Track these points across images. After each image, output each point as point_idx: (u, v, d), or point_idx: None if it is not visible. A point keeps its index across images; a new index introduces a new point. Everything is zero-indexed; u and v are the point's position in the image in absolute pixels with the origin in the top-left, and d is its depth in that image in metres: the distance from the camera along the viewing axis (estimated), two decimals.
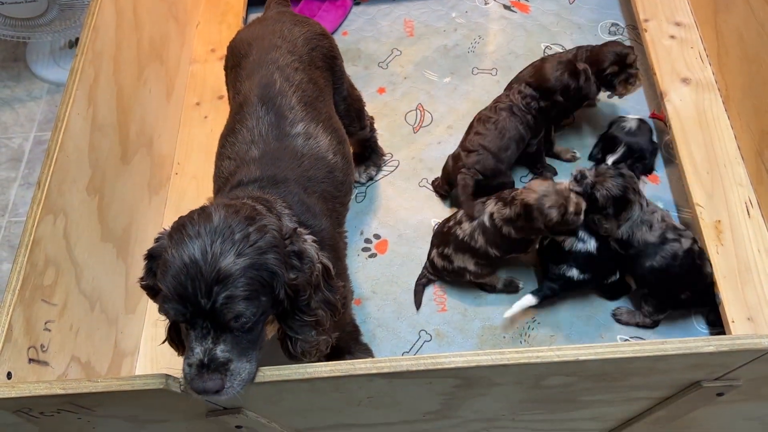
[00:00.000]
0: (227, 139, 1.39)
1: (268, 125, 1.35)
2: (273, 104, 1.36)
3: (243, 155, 1.33)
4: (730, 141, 1.71)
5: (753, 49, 1.62)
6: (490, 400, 1.07)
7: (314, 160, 1.34)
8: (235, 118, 1.40)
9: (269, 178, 1.27)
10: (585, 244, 1.54)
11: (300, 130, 1.35)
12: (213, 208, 1.03)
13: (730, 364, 0.95)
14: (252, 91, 1.39)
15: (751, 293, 1.50)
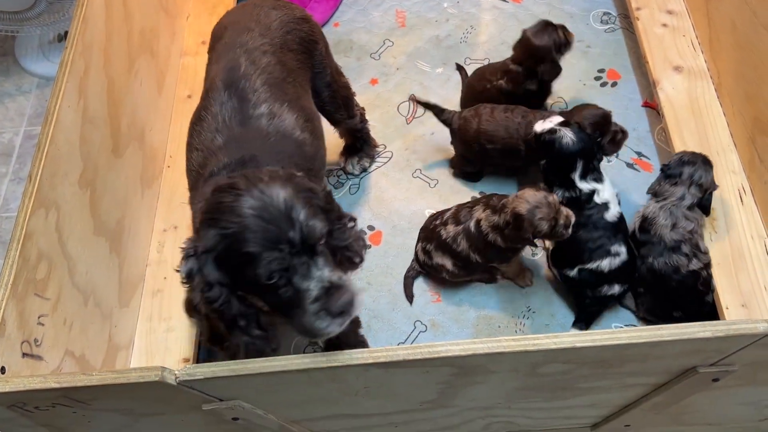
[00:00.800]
0: (194, 128, 1.38)
1: (231, 110, 1.34)
2: (236, 88, 1.35)
3: (209, 144, 1.32)
4: (722, 128, 1.72)
5: (745, 36, 1.62)
6: (486, 389, 1.07)
7: (281, 137, 1.33)
8: (202, 104, 1.40)
9: (237, 161, 1.25)
10: (619, 256, 1.51)
11: (263, 110, 1.34)
12: (226, 185, 1.06)
13: (726, 349, 0.96)
14: (218, 75, 1.39)
15: (745, 280, 1.50)
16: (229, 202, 1.02)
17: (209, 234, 1.04)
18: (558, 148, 1.52)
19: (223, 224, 1.02)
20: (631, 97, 1.96)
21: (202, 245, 1.05)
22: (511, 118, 1.70)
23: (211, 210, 1.05)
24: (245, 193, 1.02)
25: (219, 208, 1.03)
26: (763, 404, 1.22)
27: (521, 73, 1.79)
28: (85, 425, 1.13)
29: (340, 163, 1.92)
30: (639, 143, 1.87)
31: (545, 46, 1.74)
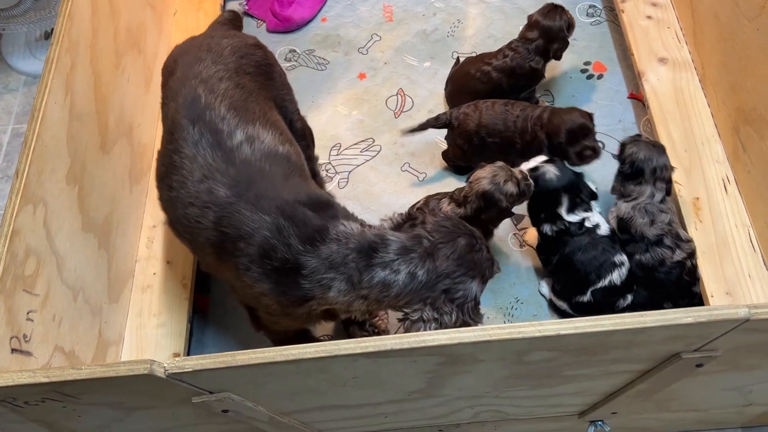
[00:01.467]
0: (171, 178, 1.30)
1: (208, 148, 1.27)
2: (204, 121, 1.29)
3: (208, 198, 1.25)
4: (707, 119, 1.73)
5: (728, 28, 1.63)
6: (473, 378, 1.08)
7: (270, 158, 1.30)
8: (170, 149, 1.31)
9: (278, 209, 1.22)
10: (624, 265, 1.52)
11: (240, 137, 1.29)
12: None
13: (708, 334, 0.97)
14: (179, 112, 1.32)
15: (729, 268, 1.52)
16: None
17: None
18: (542, 184, 1.53)
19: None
20: (617, 89, 1.97)
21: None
22: (510, 111, 1.73)
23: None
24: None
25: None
26: (746, 390, 1.24)
27: (530, 49, 1.83)
28: (75, 420, 1.13)
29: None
30: (625, 134, 1.86)
31: (559, 25, 1.81)
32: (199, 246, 1.31)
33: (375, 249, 1.21)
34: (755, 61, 1.52)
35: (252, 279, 1.23)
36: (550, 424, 1.37)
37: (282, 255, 1.20)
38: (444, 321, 1.21)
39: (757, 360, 1.09)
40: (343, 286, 1.20)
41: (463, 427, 1.34)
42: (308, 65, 2.15)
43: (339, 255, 1.20)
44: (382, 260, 1.20)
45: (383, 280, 1.19)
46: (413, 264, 1.20)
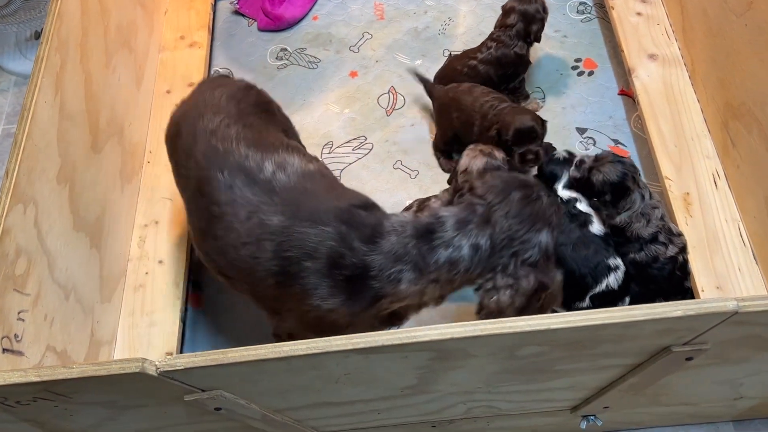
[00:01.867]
0: (216, 228, 1.28)
1: (245, 185, 1.26)
2: (230, 166, 1.28)
3: (263, 230, 1.23)
4: (696, 114, 1.74)
5: (716, 24, 1.64)
6: (465, 373, 1.08)
7: (307, 178, 1.30)
8: (203, 205, 1.30)
9: (335, 217, 1.22)
10: (620, 268, 1.50)
11: (270, 167, 1.28)
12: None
13: (698, 328, 0.97)
14: (201, 167, 1.31)
15: (720, 262, 1.53)
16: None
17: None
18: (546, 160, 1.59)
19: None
20: (608, 86, 1.98)
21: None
22: (484, 95, 1.76)
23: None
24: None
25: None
26: (737, 383, 1.25)
27: (512, 36, 1.85)
28: (67, 419, 1.13)
29: None
30: (616, 131, 1.89)
31: (535, 7, 1.83)
32: (258, 282, 1.27)
33: (432, 230, 1.19)
34: (743, 57, 1.53)
35: (321, 297, 1.20)
36: (543, 419, 1.37)
37: (350, 261, 1.18)
38: (521, 286, 1.19)
39: (747, 353, 1.10)
40: (411, 276, 1.19)
41: (456, 422, 1.34)
42: (299, 64, 2.16)
43: (400, 245, 1.19)
44: (442, 239, 1.18)
45: (449, 258, 1.18)
46: (473, 235, 1.18)
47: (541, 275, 1.20)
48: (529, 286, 1.19)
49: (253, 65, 2.17)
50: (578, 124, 1.91)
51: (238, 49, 2.22)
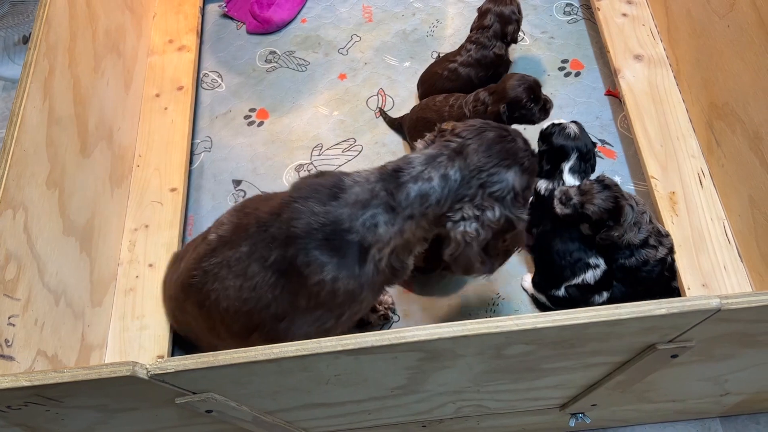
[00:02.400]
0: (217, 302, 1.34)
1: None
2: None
3: (243, 262, 1.30)
4: (681, 114, 1.76)
5: (700, 24, 1.66)
6: (454, 373, 1.09)
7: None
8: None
9: (289, 198, 1.27)
10: (600, 267, 1.53)
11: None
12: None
13: (682, 325, 0.99)
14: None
15: (705, 260, 1.55)
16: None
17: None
18: (557, 136, 1.60)
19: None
20: (594, 86, 2.00)
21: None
22: (445, 102, 1.79)
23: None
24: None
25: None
26: (722, 379, 1.26)
27: (489, 36, 1.87)
28: (59, 423, 1.13)
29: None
30: (603, 131, 1.91)
31: (511, 9, 1.86)
32: (264, 305, 1.31)
33: (399, 170, 1.22)
34: (726, 57, 1.55)
35: (318, 270, 1.23)
36: (532, 418, 1.38)
37: (318, 222, 1.22)
38: (486, 217, 1.20)
39: (731, 350, 1.11)
40: (386, 217, 1.21)
41: (446, 422, 1.36)
42: (288, 66, 2.16)
43: (365, 192, 1.22)
44: (410, 174, 1.21)
45: (419, 191, 1.20)
46: (443, 167, 1.20)
47: (507, 211, 1.22)
48: (494, 218, 1.20)
49: (242, 68, 2.17)
50: None
51: (226, 52, 2.22)
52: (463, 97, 1.76)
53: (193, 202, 1.91)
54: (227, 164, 1.98)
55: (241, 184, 1.93)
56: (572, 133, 1.60)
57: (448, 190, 1.20)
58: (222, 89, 2.14)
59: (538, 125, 1.71)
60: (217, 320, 1.39)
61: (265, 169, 1.96)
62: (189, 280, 1.41)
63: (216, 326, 1.41)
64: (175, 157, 1.88)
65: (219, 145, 2.02)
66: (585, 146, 1.60)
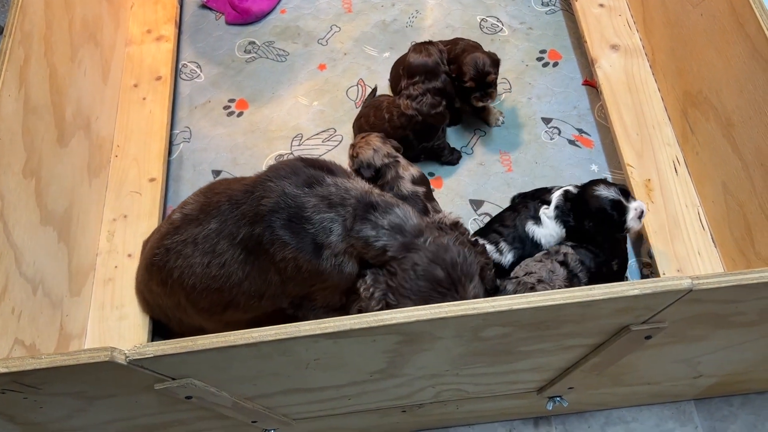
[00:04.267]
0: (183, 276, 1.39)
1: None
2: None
3: (212, 238, 1.36)
4: (657, 103, 1.79)
5: (674, 14, 1.69)
6: (433, 356, 1.10)
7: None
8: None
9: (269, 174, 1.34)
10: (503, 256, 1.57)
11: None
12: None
13: (655, 306, 1.01)
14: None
15: (680, 246, 1.57)
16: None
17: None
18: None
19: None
20: (572, 77, 2.02)
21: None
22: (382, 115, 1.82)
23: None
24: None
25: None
26: (695, 361, 1.29)
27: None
28: (37, 411, 1.13)
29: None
30: (580, 120, 1.93)
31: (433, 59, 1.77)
32: (236, 282, 1.36)
33: (374, 207, 1.29)
34: (699, 46, 1.57)
35: (281, 248, 1.29)
36: (511, 402, 1.40)
37: (285, 203, 1.28)
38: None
39: (703, 331, 1.14)
40: (340, 230, 1.28)
41: (426, 407, 1.37)
42: (268, 57, 2.16)
43: (338, 197, 1.29)
44: (375, 222, 1.28)
45: (366, 237, 1.28)
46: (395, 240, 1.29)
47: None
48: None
49: (221, 59, 2.16)
50: (543, 114, 1.94)
51: (205, 42, 2.21)
52: (396, 99, 1.79)
53: (172, 192, 1.90)
54: (206, 154, 1.97)
55: (220, 174, 1.93)
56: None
57: (382, 259, 1.30)
58: (201, 80, 2.13)
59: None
60: (182, 296, 1.42)
61: (245, 160, 1.95)
62: (151, 258, 1.44)
63: (181, 303, 1.44)
64: (153, 148, 1.88)
65: (198, 135, 2.01)
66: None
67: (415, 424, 1.50)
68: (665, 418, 1.52)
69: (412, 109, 1.74)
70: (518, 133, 1.91)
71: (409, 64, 1.76)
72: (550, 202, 1.55)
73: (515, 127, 1.93)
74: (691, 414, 1.53)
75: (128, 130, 1.92)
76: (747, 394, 1.53)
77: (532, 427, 1.53)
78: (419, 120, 1.75)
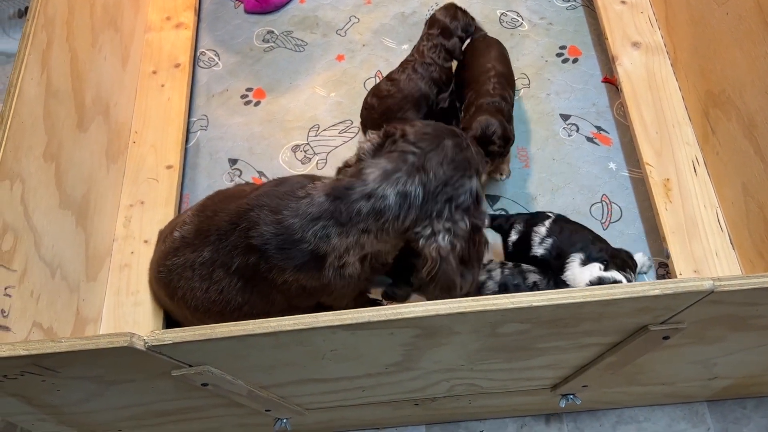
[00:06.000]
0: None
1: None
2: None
3: (207, 266, 1.36)
4: (678, 102, 1.77)
5: (698, 12, 1.67)
6: (449, 350, 1.10)
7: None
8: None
9: (246, 206, 1.32)
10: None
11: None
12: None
13: (675, 307, 1.00)
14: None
15: (698, 247, 1.56)
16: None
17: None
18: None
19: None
20: (592, 73, 2.00)
21: None
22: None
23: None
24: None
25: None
26: (711, 363, 1.28)
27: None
28: (54, 394, 1.14)
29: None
30: (599, 118, 1.91)
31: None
32: (236, 307, 1.36)
33: (351, 187, 1.21)
34: (724, 45, 1.56)
35: (280, 273, 1.28)
36: (524, 398, 1.40)
37: (270, 232, 1.25)
38: (459, 228, 1.21)
39: (721, 333, 1.13)
40: (337, 229, 1.22)
41: (438, 400, 1.37)
42: (286, 47, 2.16)
43: (313, 206, 1.23)
44: (362, 193, 1.20)
45: (372, 208, 1.19)
46: (401, 183, 1.19)
47: (473, 218, 1.23)
48: (466, 228, 1.22)
49: (240, 47, 2.16)
50: (562, 111, 1.93)
51: (224, 30, 2.21)
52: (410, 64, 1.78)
53: (188, 180, 1.91)
54: (223, 143, 1.98)
55: (237, 163, 1.93)
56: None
57: (408, 207, 1.19)
58: (219, 68, 2.13)
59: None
60: (187, 313, 1.44)
61: (261, 149, 1.96)
62: (157, 274, 1.47)
63: (187, 317, 1.46)
64: (171, 135, 1.88)
65: (215, 123, 2.01)
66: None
67: (426, 417, 1.50)
68: (677, 419, 1.52)
69: (429, 57, 1.79)
70: (536, 129, 1.90)
71: (433, 15, 1.84)
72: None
73: (533, 123, 1.92)
74: (704, 415, 1.52)
75: (146, 117, 1.92)
76: (761, 396, 1.52)
77: (543, 423, 1.53)
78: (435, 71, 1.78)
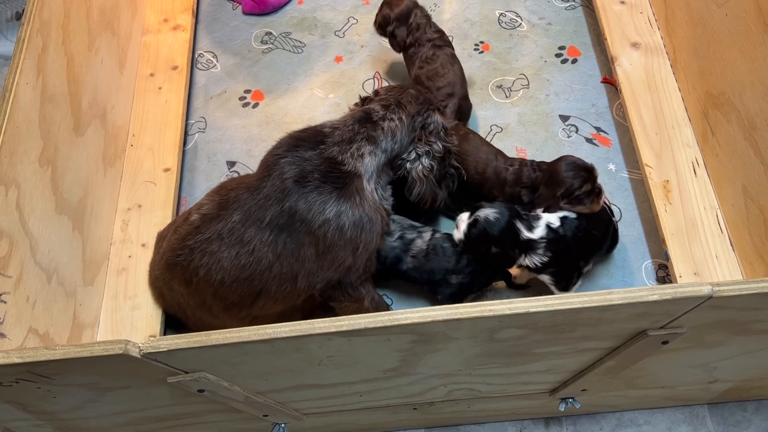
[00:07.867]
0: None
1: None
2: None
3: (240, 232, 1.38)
4: (677, 103, 1.76)
5: (698, 13, 1.66)
6: (446, 356, 1.10)
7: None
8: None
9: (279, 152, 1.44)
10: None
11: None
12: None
13: (674, 311, 1.00)
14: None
15: (698, 249, 1.55)
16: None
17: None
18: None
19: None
20: (591, 74, 1.99)
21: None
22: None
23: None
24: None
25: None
26: (711, 366, 1.27)
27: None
28: (49, 401, 1.13)
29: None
30: (598, 119, 1.91)
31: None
32: (266, 267, 1.38)
33: (369, 112, 1.47)
34: (723, 46, 1.55)
35: (320, 210, 1.35)
36: (522, 402, 1.40)
37: (311, 166, 1.37)
38: (434, 149, 1.49)
39: (721, 337, 1.12)
40: (369, 147, 1.42)
41: (437, 405, 1.36)
42: (284, 48, 2.15)
43: (346, 133, 1.43)
44: (379, 116, 1.46)
45: (390, 128, 1.45)
46: (395, 112, 1.47)
47: (445, 142, 1.53)
48: (440, 149, 1.50)
49: (238, 49, 2.16)
50: (561, 112, 1.92)
51: (222, 32, 2.20)
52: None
53: (186, 182, 1.90)
54: (221, 145, 1.97)
55: (235, 166, 1.93)
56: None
57: (403, 131, 1.47)
58: (217, 70, 2.12)
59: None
60: (209, 295, 1.42)
61: (260, 151, 1.94)
62: (174, 259, 1.44)
63: (206, 301, 1.43)
64: (169, 137, 1.87)
65: (213, 126, 2.01)
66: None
67: (425, 421, 1.50)
68: (678, 422, 1.51)
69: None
70: (535, 130, 1.90)
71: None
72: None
73: (532, 123, 1.91)
74: (704, 418, 1.51)
75: (144, 120, 1.91)
76: (761, 399, 1.52)
77: (542, 427, 1.53)
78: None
